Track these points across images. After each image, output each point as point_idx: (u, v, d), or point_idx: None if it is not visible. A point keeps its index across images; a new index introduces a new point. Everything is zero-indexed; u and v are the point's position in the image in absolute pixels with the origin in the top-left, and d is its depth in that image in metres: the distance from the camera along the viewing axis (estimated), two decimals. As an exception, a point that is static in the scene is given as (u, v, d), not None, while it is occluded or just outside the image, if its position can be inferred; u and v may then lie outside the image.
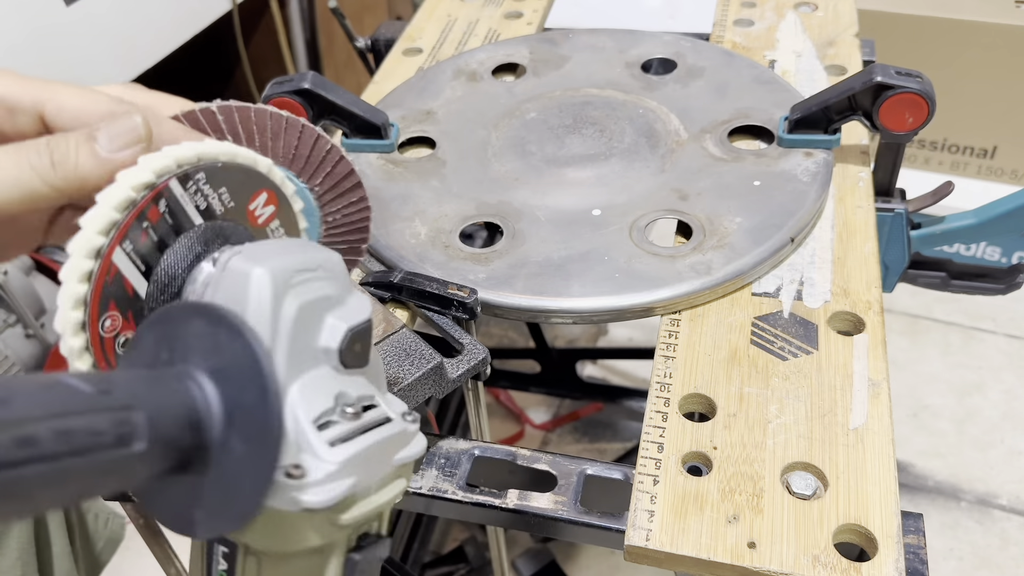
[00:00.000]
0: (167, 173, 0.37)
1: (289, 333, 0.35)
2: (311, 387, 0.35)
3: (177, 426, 0.30)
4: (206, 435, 0.31)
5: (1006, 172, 1.62)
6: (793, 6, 0.93)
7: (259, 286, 0.34)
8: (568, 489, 0.52)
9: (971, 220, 0.77)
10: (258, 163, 0.40)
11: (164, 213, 0.37)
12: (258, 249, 0.36)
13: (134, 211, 0.35)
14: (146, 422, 0.29)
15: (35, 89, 0.38)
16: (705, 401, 0.55)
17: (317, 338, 0.36)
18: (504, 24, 0.96)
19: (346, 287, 0.37)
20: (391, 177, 0.72)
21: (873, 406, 0.53)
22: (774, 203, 0.65)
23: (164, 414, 0.30)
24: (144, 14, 1.36)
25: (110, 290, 0.36)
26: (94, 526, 0.87)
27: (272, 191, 0.41)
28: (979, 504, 1.34)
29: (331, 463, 0.34)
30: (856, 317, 0.59)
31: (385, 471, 0.37)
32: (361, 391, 0.37)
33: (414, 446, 0.38)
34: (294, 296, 0.35)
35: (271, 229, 0.42)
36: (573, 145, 0.74)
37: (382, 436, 0.36)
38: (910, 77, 0.66)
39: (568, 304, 0.60)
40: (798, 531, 0.47)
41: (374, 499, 0.37)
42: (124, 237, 0.36)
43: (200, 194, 0.38)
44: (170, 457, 0.30)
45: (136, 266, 0.37)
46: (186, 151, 0.37)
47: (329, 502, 0.34)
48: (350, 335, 0.36)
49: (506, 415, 1.54)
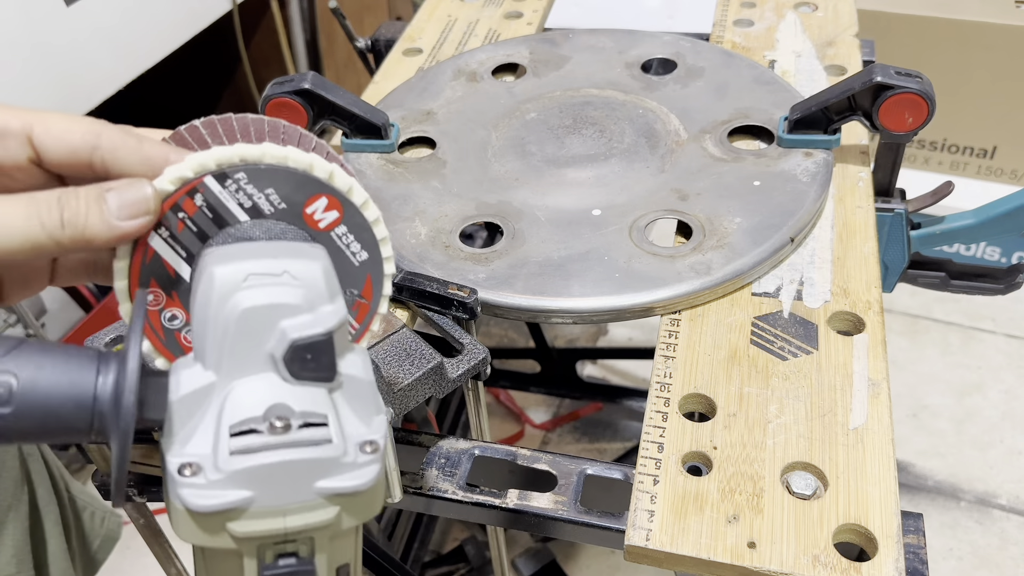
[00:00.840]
0: (204, 170, 0.39)
1: (232, 333, 0.35)
2: (245, 392, 0.36)
3: (57, 400, 0.33)
4: (96, 413, 0.34)
5: (1006, 172, 1.62)
6: (793, 6, 0.93)
7: (208, 284, 0.36)
8: (568, 489, 0.52)
9: (971, 220, 0.77)
10: (314, 168, 0.41)
11: (201, 207, 0.40)
12: (227, 250, 0.38)
13: (168, 201, 0.39)
14: (19, 391, 0.33)
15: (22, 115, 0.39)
16: (705, 401, 0.55)
17: (267, 343, 0.36)
18: (504, 24, 0.96)
19: (320, 297, 0.37)
20: (391, 177, 0.73)
21: (873, 406, 0.53)
22: (774, 203, 0.65)
23: (46, 387, 0.33)
24: (144, 14, 1.36)
25: (149, 268, 0.40)
26: (90, 524, 0.87)
27: (333, 197, 0.41)
28: (979, 504, 1.34)
29: (221, 472, 0.34)
30: (856, 317, 0.59)
31: (304, 495, 0.36)
32: (309, 407, 0.36)
33: (351, 478, 0.36)
34: (242, 298, 0.35)
35: (337, 234, 0.42)
36: (573, 145, 0.74)
37: (294, 457, 0.35)
38: (910, 77, 0.66)
39: (568, 304, 0.60)
40: (798, 531, 0.47)
41: (281, 521, 0.36)
42: (159, 224, 0.39)
43: (243, 193, 0.40)
44: (53, 426, 0.34)
45: (177, 252, 0.40)
46: (227, 151, 0.39)
47: (207, 508, 0.34)
48: (294, 346, 0.36)
49: (506, 415, 1.54)
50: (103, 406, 0.34)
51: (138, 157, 0.40)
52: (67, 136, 0.39)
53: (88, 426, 0.34)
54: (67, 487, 0.84)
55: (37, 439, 0.36)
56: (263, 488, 0.35)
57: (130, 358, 0.33)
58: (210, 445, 0.35)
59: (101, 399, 0.34)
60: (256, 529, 0.35)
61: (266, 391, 0.36)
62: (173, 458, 0.35)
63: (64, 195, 0.38)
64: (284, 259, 0.37)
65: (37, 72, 1.17)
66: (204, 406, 0.36)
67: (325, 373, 0.37)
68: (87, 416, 0.34)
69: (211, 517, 0.35)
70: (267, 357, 0.36)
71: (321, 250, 0.39)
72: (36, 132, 0.39)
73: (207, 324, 0.36)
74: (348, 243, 0.43)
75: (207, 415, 0.36)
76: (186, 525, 0.35)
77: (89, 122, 0.40)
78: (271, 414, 0.35)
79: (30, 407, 0.33)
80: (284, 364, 0.36)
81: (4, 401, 0.33)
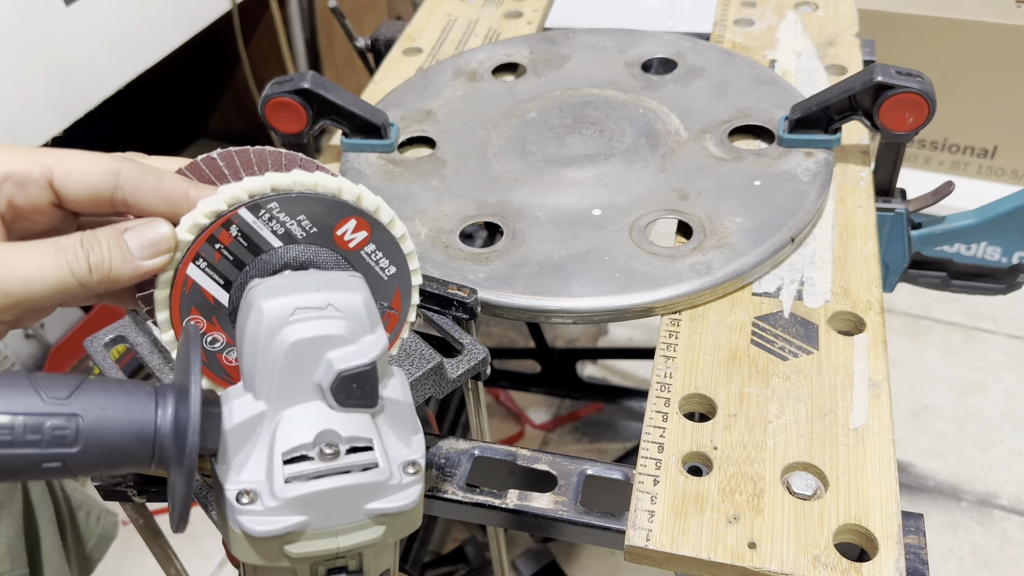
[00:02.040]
0: (238, 202, 0.41)
1: (280, 365, 0.37)
2: (295, 420, 0.37)
3: (121, 436, 0.35)
4: (157, 447, 0.35)
5: (1006, 172, 1.62)
6: (793, 6, 0.92)
7: (256, 319, 0.38)
8: (568, 489, 0.52)
9: (971, 220, 0.77)
10: (342, 192, 0.43)
11: (236, 237, 0.42)
12: (274, 284, 0.39)
13: (204, 235, 0.41)
14: (85, 430, 0.35)
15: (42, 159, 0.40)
16: (705, 401, 0.55)
17: (314, 373, 0.38)
18: (504, 24, 0.95)
19: (363, 327, 0.39)
20: (391, 177, 0.72)
21: (873, 406, 0.53)
22: (774, 203, 0.65)
23: (109, 425, 0.35)
24: (144, 14, 1.36)
25: (190, 297, 0.42)
26: (86, 523, 0.87)
27: (362, 218, 0.44)
28: (979, 504, 1.34)
29: (278, 499, 0.36)
30: (856, 317, 0.59)
31: (353, 517, 0.38)
32: (355, 432, 0.38)
33: (397, 499, 0.39)
34: (290, 332, 0.37)
35: (366, 252, 0.44)
36: (573, 145, 0.74)
37: (346, 483, 0.37)
38: (910, 77, 0.66)
39: (568, 304, 0.59)
40: (798, 531, 0.47)
41: (334, 541, 0.38)
42: (197, 255, 0.41)
43: (276, 221, 0.42)
44: (118, 460, 0.35)
45: (215, 280, 0.42)
46: (259, 182, 0.41)
47: (266, 534, 0.36)
48: (340, 376, 0.37)
49: (506, 415, 1.54)
50: (163, 440, 0.35)
51: (159, 196, 0.41)
52: (87, 178, 0.40)
53: (149, 458, 0.36)
54: (62, 485, 0.83)
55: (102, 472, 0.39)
56: (317, 512, 0.37)
57: (192, 399, 0.34)
58: (264, 471, 0.37)
59: (161, 433, 0.35)
60: (311, 550, 0.37)
61: (314, 419, 0.38)
62: (231, 485, 0.37)
63: (86, 239, 0.39)
64: (328, 292, 0.39)
65: (37, 72, 1.17)
66: (256, 434, 0.38)
67: (369, 400, 0.39)
68: (148, 450, 0.36)
69: (269, 541, 0.37)
70: (314, 386, 0.38)
71: (361, 281, 0.41)
72: (56, 176, 0.40)
73: (256, 356, 0.38)
74: (377, 259, 0.45)
75: (259, 442, 0.38)
76: (244, 548, 0.37)
77: (107, 160, 0.41)
78: (320, 440, 0.37)
79: (95, 445, 0.35)
80: (331, 393, 0.38)
81: (71, 441, 0.34)
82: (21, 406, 0.34)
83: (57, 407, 0.34)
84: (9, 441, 0.33)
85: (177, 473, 0.35)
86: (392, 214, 0.44)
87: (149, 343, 0.59)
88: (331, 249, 0.43)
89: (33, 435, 0.34)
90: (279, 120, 0.73)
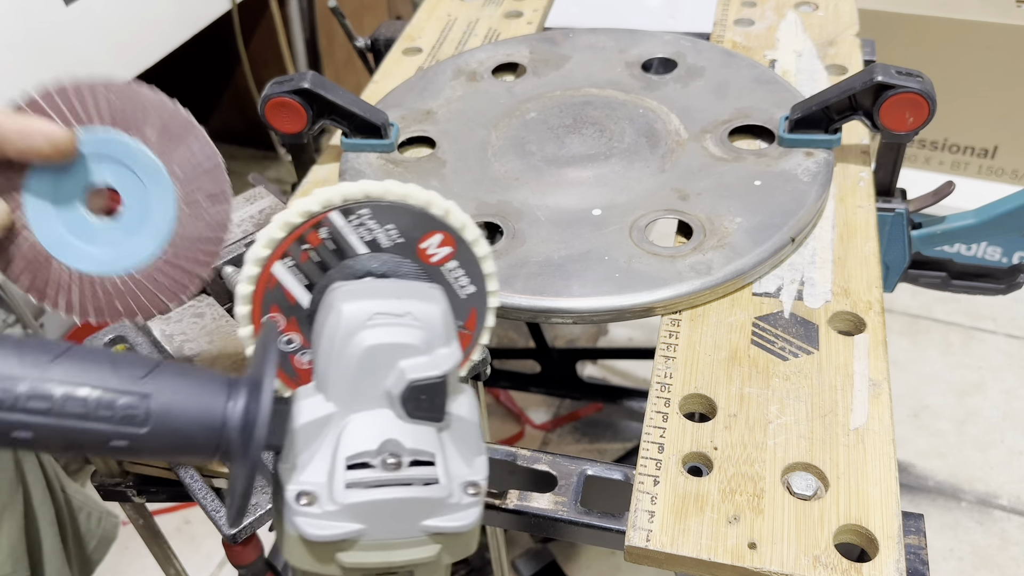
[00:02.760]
0: (331, 206, 0.41)
1: (354, 368, 0.37)
2: (361, 425, 0.37)
3: (189, 423, 0.35)
4: (223, 438, 0.35)
5: (1007, 172, 1.62)
6: (794, 6, 0.92)
7: (335, 320, 0.38)
8: (568, 489, 0.52)
9: (972, 220, 0.77)
10: (432, 206, 0.43)
11: (325, 239, 0.42)
12: (356, 288, 0.40)
13: (294, 234, 0.41)
14: (156, 412, 0.34)
15: None
16: (705, 401, 0.54)
17: (384, 381, 0.38)
18: (504, 24, 0.95)
19: (438, 339, 0.39)
20: (391, 177, 0.72)
21: (874, 406, 0.53)
22: (774, 203, 0.65)
23: (180, 410, 0.35)
24: (144, 14, 1.36)
25: (272, 295, 0.42)
26: (86, 525, 0.87)
27: (448, 234, 0.44)
28: (979, 504, 1.34)
29: (337, 503, 0.36)
30: (857, 317, 0.59)
31: (410, 532, 0.37)
32: (419, 445, 0.37)
33: (454, 519, 0.38)
34: (367, 336, 0.37)
35: (447, 269, 0.44)
36: (573, 145, 0.73)
37: (405, 495, 0.37)
38: (911, 77, 0.66)
39: (568, 304, 0.59)
40: (799, 532, 0.47)
41: (387, 554, 0.37)
42: (284, 254, 0.42)
43: (364, 227, 0.42)
44: (183, 447, 0.35)
45: (298, 280, 0.42)
46: (353, 188, 0.41)
47: (320, 537, 0.36)
48: (411, 386, 0.37)
49: (506, 415, 1.54)
50: (230, 432, 0.35)
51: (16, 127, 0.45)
52: None
53: (214, 449, 0.36)
54: (63, 487, 0.83)
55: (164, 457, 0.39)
56: (374, 522, 0.37)
57: (264, 392, 0.34)
58: (325, 475, 0.37)
59: (229, 425, 0.35)
60: (363, 561, 0.37)
61: (381, 427, 0.37)
62: (291, 485, 0.37)
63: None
64: (407, 300, 0.39)
65: (36, 71, 1.17)
66: (322, 435, 0.37)
67: (436, 414, 0.38)
68: (214, 440, 0.35)
69: (323, 546, 0.36)
70: (384, 394, 0.38)
71: (440, 293, 0.41)
72: None
73: (331, 357, 0.38)
74: (457, 277, 0.45)
75: (324, 444, 0.37)
76: (297, 551, 0.37)
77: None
78: (384, 449, 0.37)
79: (164, 428, 0.35)
80: (400, 402, 0.37)
81: (141, 422, 0.34)
82: (97, 380, 0.34)
83: (131, 385, 0.34)
84: (82, 414, 0.33)
85: (240, 467, 0.35)
86: (478, 233, 0.44)
87: (149, 343, 0.59)
88: (414, 261, 0.43)
89: (105, 411, 0.34)
90: (279, 120, 0.73)
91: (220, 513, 0.51)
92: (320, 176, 0.76)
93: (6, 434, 0.33)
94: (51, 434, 0.33)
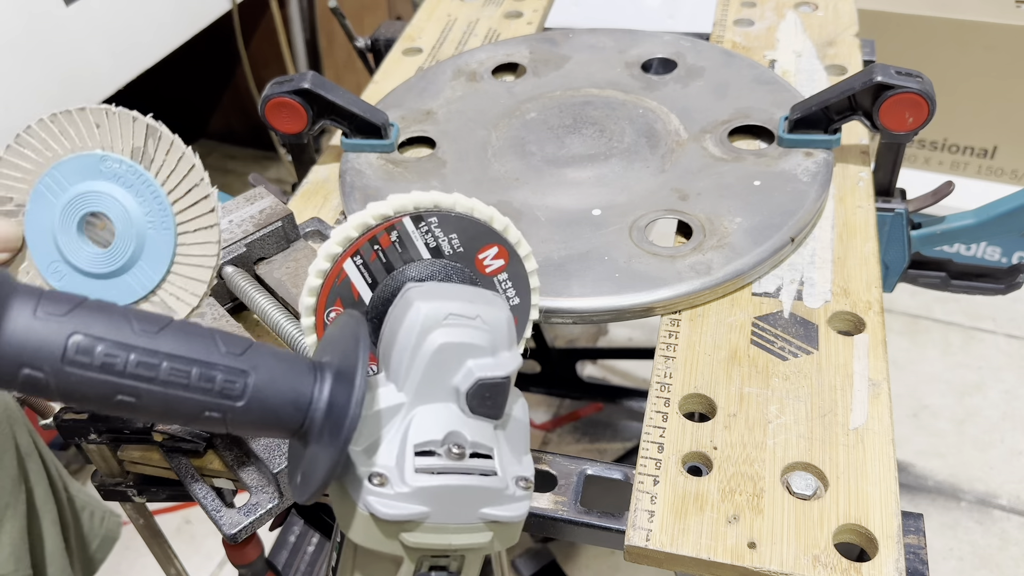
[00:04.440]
0: (403, 211, 0.45)
1: (426, 363, 0.40)
2: (430, 416, 0.40)
3: (280, 401, 0.37)
4: (308, 418, 0.37)
5: (1006, 172, 1.62)
6: (793, 6, 0.93)
7: (413, 317, 0.41)
8: (568, 489, 0.52)
9: (971, 220, 0.77)
10: (494, 220, 0.46)
11: (395, 242, 0.45)
12: (432, 288, 0.43)
13: (367, 234, 0.44)
14: (251, 388, 0.36)
15: None
16: (705, 401, 0.55)
17: (452, 377, 0.41)
18: (504, 24, 0.95)
19: (503, 342, 0.42)
20: (391, 177, 0.72)
21: (873, 406, 0.53)
22: (774, 203, 0.65)
23: (272, 388, 0.36)
24: (144, 14, 1.36)
25: (338, 290, 0.45)
26: (89, 524, 0.87)
27: (504, 247, 0.47)
28: (979, 504, 1.34)
29: (407, 486, 0.38)
30: (856, 317, 0.59)
31: (468, 518, 0.40)
32: (479, 439, 0.41)
33: (509, 509, 0.41)
34: (441, 334, 0.40)
35: (498, 280, 0.48)
36: (573, 145, 0.74)
37: (468, 483, 0.39)
38: (910, 77, 0.66)
39: (568, 304, 0.59)
40: (798, 531, 0.47)
41: (447, 537, 0.40)
42: (356, 252, 0.45)
43: (431, 235, 0.45)
44: (270, 423, 0.37)
45: (364, 277, 0.45)
46: (425, 197, 0.44)
47: (391, 516, 0.38)
48: (478, 384, 0.40)
49: (506, 415, 1.54)
50: (316, 412, 0.37)
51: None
52: None
53: (298, 427, 0.38)
54: (65, 486, 0.84)
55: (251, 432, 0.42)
56: (438, 506, 0.39)
57: (358, 379, 0.36)
58: (395, 459, 0.39)
59: (316, 406, 0.37)
60: (425, 542, 0.40)
61: (445, 419, 0.40)
62: (363, 467, 0.39)
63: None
64: (478, 304, 0.42)
65: (36, 72, 1.17)
66: (392, 423, 0.40)
67: (496, 411, 0.41)
68: (300, 419, 0.37)
69: (390, 525, 0.39)
70: (451, 389, 0.41)
71: (504, 301, 0.44)
72: None
73: (406, 351, 0.40)
74: (506, 288, 0.48)
75: (394, 431, 0.40)
76: (365, 529, 0.39)
77: None
78: (449, 440, 0.40)
79: (257, 404, 0.36)
80: (465, 398, 0.40)
81: (238, 395, 0.36)
82: (202, 353, 0.36)
83: (233, 361, 0.36)
84: (185, 384, 0.35)
85: (322, 447, 0.36)
86: (529, 248, 0.48)
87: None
88: (471, 270, 0.47)
89: (206, 383, 0.35)
90: (279, 120, 0.73)
91: (220, 513, 0.51)
92: (320, 176, 0.76)
93: (110, 397, 0.34)
94: (152, 401, 0.35)
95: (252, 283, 0.59)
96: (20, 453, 0.76)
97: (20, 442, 0.76)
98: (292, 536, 1.23)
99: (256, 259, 0.61)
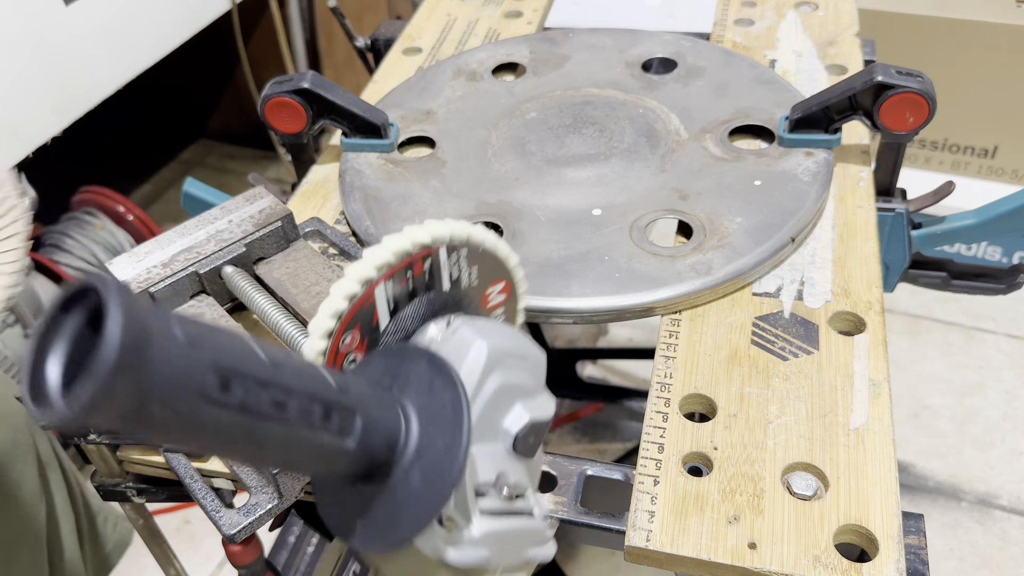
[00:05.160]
0: (440, 242, 0.43)
1: (484, 404, 0.39)
2: (483, 457, 0.39)
3: (379, 441, 0.35)
4: (396, 459, 0.35)
5: (1007, 172, 1.62)
6: (794, 5, 0.92)
7: (476, 356, 0.39)
8: (568, 489, 0.52)
9: (972, 220, 0.77)
10: (509, 259, 0.47)
11: (426, 271, 0.44)
12: (485, 325, 0.41)
13: (406, 260, 0.42)
14: (361, 427, 0.34)
15: None
16: (705, 401, 0.54)
17: (503, 418, 0.40)
18: (504, 23, 0.95)
19: (540, 384, 0.41)
20: (391, 177, 0.72)
21: (874, 406, 0.53)
22: (774, 203, 0.65)
23: (375, 427, 0.34)
24: (144, 14, 1.36)
25: (362, 314, 0.42)
26: (103, 529, 0.87)
27: (510, 283, 0.47)
28: (980, 504, 1.34)
29: (478, 530, 0.37)
30: (857, 317, 0.59)
31: (514, 559, 0.40)
32: (520, 479, 0.40)
33: (545, 549, 0.41)
34: (499, 375, 0.39)
35: (495, 315, 0.48)
36: (573, 145, 0.73)
37: (523, 526, 0.39)
38: (911, 77, 0.66)
39: (568, 304, 0.59)
40: (799, 532, 0.47)
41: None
42: (391, 278, 0.42)
43: (457, 266, 0.45)
44: (363, 463, 0.35)
45: (388, 304, 0.43)
46: (462, 229, 0.44)
47: (464, 563, 0.37)
48: (530, 426, 0.40)
49: (506, 415, 1.54)
50: (405, 455, 0.36)
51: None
52: None
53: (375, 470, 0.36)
54: (82, 492, 0.84)
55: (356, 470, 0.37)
56: (497, 549, 0.38)
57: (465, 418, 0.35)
58: (458, 500, 0.37)
59: (405, 447, 0.36)
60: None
61: (495, 459, 0.39)
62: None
63: None
64: (525, 346, 0.41)
65: (36, 71, 1.17)
66: None
67: (532, 452, 0.41)
68: (390, 457, 0.36)
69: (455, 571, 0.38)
70: (499, 429, 0.40)
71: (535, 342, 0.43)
72: None
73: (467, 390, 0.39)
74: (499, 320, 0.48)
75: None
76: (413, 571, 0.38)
77: None
78: (500, 482, 0.39)
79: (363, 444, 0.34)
80: (513, 439, 0.40)
81: (351, 433, 0.33)
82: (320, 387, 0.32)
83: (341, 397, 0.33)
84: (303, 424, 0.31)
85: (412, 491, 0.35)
86: (526, 284, 0.48)
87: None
88: (477, 303, 0.46)
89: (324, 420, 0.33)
90: (279, 120, 0.73)
91: (220, 513, 0.51)
92: (320, 176, 0.76)
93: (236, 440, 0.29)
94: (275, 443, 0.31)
95: (252, 283, 0.59)
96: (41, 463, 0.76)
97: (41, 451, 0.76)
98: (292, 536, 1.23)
99: (256, 259, 0.61)
